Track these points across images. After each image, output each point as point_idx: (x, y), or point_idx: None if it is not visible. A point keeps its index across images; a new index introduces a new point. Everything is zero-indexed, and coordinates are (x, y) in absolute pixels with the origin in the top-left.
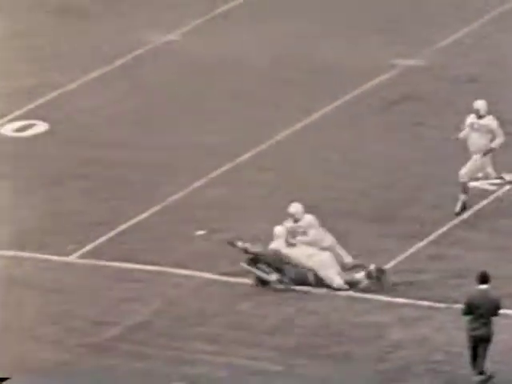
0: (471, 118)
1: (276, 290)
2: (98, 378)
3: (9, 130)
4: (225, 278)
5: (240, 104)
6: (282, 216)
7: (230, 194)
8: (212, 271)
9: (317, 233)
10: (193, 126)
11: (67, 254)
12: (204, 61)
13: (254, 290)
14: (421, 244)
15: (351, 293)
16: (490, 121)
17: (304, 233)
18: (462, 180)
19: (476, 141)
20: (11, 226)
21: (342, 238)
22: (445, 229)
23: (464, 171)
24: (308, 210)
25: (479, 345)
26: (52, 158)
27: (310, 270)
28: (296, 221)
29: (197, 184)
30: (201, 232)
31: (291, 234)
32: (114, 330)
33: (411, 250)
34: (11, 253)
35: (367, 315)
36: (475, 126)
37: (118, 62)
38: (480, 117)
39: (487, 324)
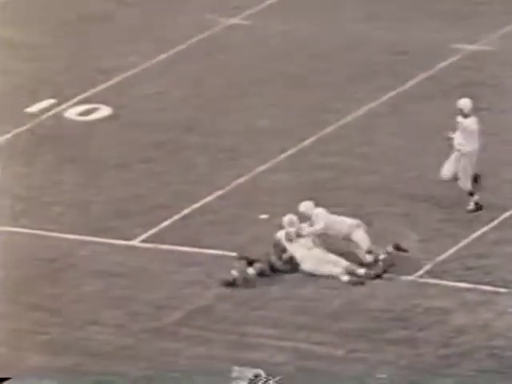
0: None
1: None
2: (160, 362)
3: (73, 113)
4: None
5: (305, 88)
6: (347, 201)
7: (293, 178)
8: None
9: (325, 224)
10: (257, 109)
11: (131, 238)
12: (269, 44)
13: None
14: (484, 229)
15: (414, 278)
16: (471, 122)
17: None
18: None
19: (459, 140)
20: (76, 210)
21: (406, 222)
22: (508, 214)
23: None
24: (375, 192)
25: None
26: (116, 142)
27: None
28: (308, 219)
29: (261, 168)
30: (264, 216)
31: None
32: (176, 314)
33: (474, 235)
34: (75, 236)
35: (430, 300)
36: (459, 125)
37: (182, 47)
38: (465, 116)
39: None
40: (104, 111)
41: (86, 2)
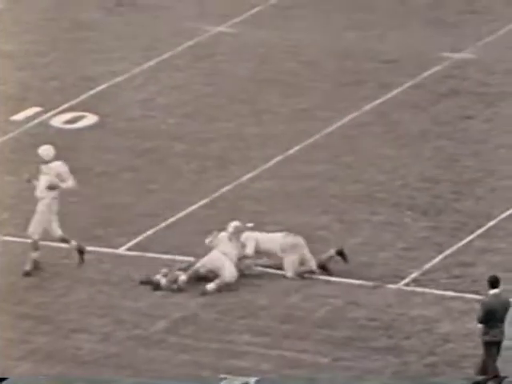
0: None
1: (325, 283)
2: (147, 370)
3: (58, 121)
4: (273, 271)
5: (291, 96)
6: (332, 209)
7: (279, 186)
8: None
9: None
10: (243, 118)
11: (117, 246)
12: (257, 52)
13: (303, 282)
14: (470, 237)
15: (400, 286)
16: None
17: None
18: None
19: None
20: (61, 218)
21: (391, 230)
22: (494, 222)
23: None
24: (359, 201)
25: (492, 349)
26: (102, 150)
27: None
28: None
29: (247, 176)
30: (250, 225)
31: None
32: (162, 322)
33: (460, 244)
34: (60, 245)
35: (416, 309)
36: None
37: (168, 54)
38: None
39: (502, 328)
40: (90, 119)
41: (72, 10)
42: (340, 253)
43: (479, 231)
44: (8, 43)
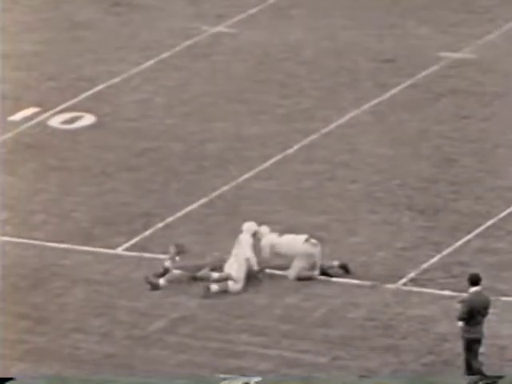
0: None
1: (323, 283)
2: (145, 370)
3: (56, 122)
4: (272, 271)
5: (289, 96)
6: (330, 209)
7: (277, 186)
8: (260, 264)
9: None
10: (241, 117)
11: (115, 246)
12: (255, 52)
13: (301, 282)
14: (468, 237)
15: (398, 286)
16: None
17: None
18: None
19: None
20: (60, 218)
21: (389, 230)
22: (492, 222)
23: None
24: (357, 200)
25: (473, 347)
26: (100, 150)
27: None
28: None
29: (245, 176)
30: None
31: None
32: (160, 322)
33: (458, 243)
34: (60, 245)
35: (413, 308)
36: None
37: (166, 54)
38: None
39: (483, 325)
40: (88, 119)
41: (69, 11)
42: (343, 267)
43: (477, 231)
44: (5, 43)
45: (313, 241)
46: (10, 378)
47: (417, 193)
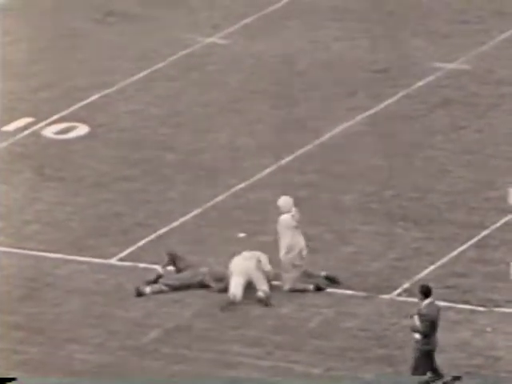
0: None
1: (317, 294)
2: (140, 380)
3: (50, 132)
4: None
5: (283, 106)
6: (324, 219)
7: (271, 196)
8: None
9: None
10: (235, 128)
11: (109, 257)
12: (247, 63)
13: (295, 293)
14: (462, 247)
15: (392, 296)
16: None
17: None
18: None
19: None
20: (54, 228)
21: (383, 241)
22: (486, 232)
23: None
24: (350, 211)
25: (430, 358)
26: (94, 160)
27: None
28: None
29: (239, 186)
30: (242, 235)
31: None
32: (155, 332)
33: (453, 254)
34: (54, 255)
35: (408, 318)
36: None
37: (160, 65)
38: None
39: (436, 334)
40: (81, 129)
41: (63, 20)
42: (329, 278)
43: (471, 241)
44: None
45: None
46: (12, 379)
47: (411, 203)
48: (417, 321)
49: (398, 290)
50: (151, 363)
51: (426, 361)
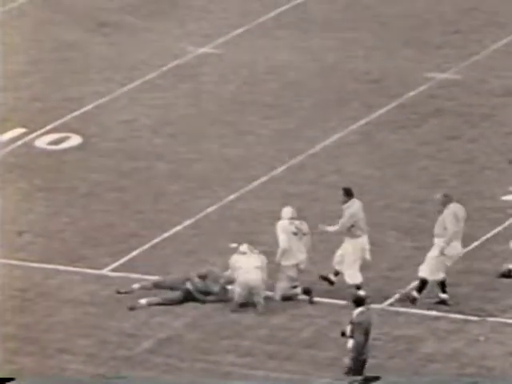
0: None
1: (310, 304)
2: None
3: (43, 142)
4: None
5: (275, 116)
6: (316, 229)
7: (263, 206)
8: None
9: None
10: (227, 138)
11: (101, 267)
12: (240, 73)
13: (287, 303)
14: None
15: (384, 306)
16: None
17: None
18: None
19: None
20: (46, 239)
21: (375, 251)
22: (478, 243)
23: None
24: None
25: (363, 366)
26: (86, 170)
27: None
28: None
29: (231, 197)
30: (234, 245)
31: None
32: (146, 342)
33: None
34: (46, 265)
35: (400, 328)
36: None
37: (152, 75)
38: None
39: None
40: (74, 140)
41: (56, 31)
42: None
43: (464, 251)
44: None
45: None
46: (11, 379)
47: (402, 213)
48: (349, 329)
49: (390, 300)
50: (142, 373)
51: (359, 369)
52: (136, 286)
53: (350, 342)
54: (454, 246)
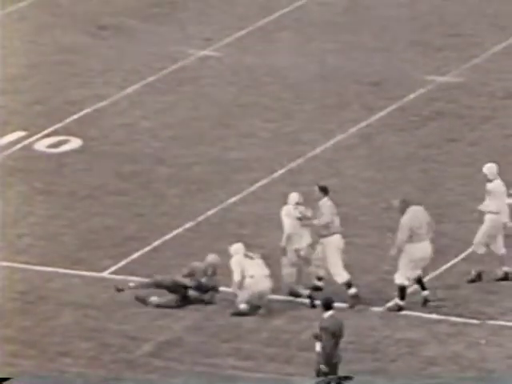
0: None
1: (310, 306)
2: None
3: (42, 146)
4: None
5: (275, 119)
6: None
7: (263, 209)
8: None
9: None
10: (228, 141)
11: (101, 270)
12: (240, 76)
13: (288, 305)
14: (454, 260)
15: (385, 309)
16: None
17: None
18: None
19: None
20: (46, 242)
21: (376, 253)
22: None
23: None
24: (342, 224)
25: (334, 368)
26: (86, 173)
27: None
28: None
29: (231, 200)
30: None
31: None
32: (147, 345)
33: (444, 267)
34: (46, 268)
35: (401, 331)
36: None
37: (152, 78)
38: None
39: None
40: (74, 143)
41: (56, 34)
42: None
43: (463, 254)
44: None
45: None
46: (6, 378)
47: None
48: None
49: (391, 303)
50: (143, 377)
51: (331, 372)
52: (132, 284)
53: (318, 346)
54: (421, 247)
